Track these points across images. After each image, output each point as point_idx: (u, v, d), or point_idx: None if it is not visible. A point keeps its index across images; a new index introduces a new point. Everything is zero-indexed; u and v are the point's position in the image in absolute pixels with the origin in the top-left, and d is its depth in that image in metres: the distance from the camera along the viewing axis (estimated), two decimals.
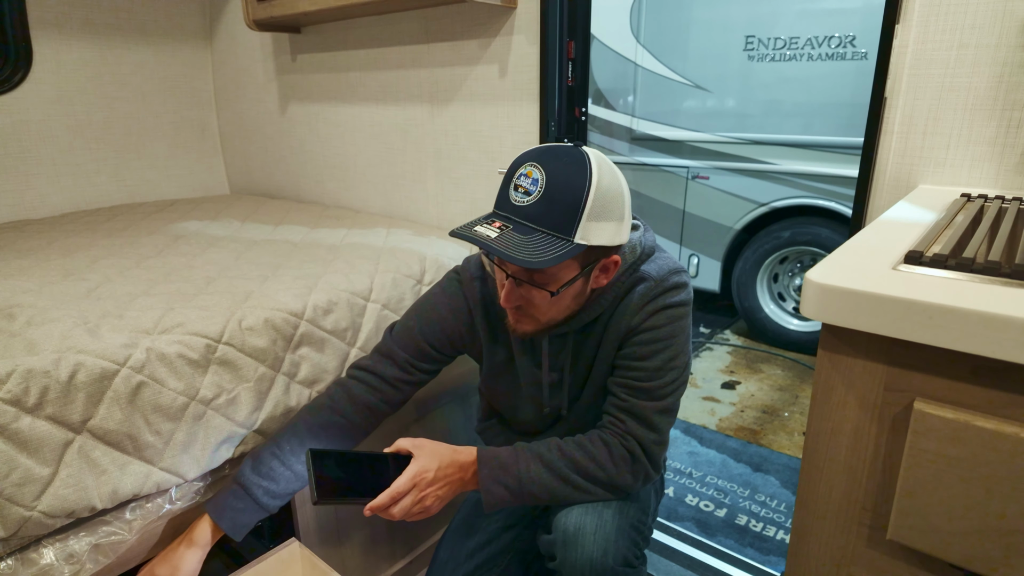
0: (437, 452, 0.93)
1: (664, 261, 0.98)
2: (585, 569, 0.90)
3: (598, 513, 0.93)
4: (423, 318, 1.09)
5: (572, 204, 0.82)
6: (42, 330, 0.97)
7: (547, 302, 0.91)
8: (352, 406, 1.07)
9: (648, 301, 0.95)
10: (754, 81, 3.11)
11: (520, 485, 0.93)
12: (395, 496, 0.89)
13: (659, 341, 0.94)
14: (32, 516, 0.83)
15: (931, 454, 0.51)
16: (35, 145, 2.02)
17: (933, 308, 0.48)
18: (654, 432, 0.94)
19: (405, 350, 1.08)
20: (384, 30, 1.77)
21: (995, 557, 0.49)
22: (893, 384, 0.53)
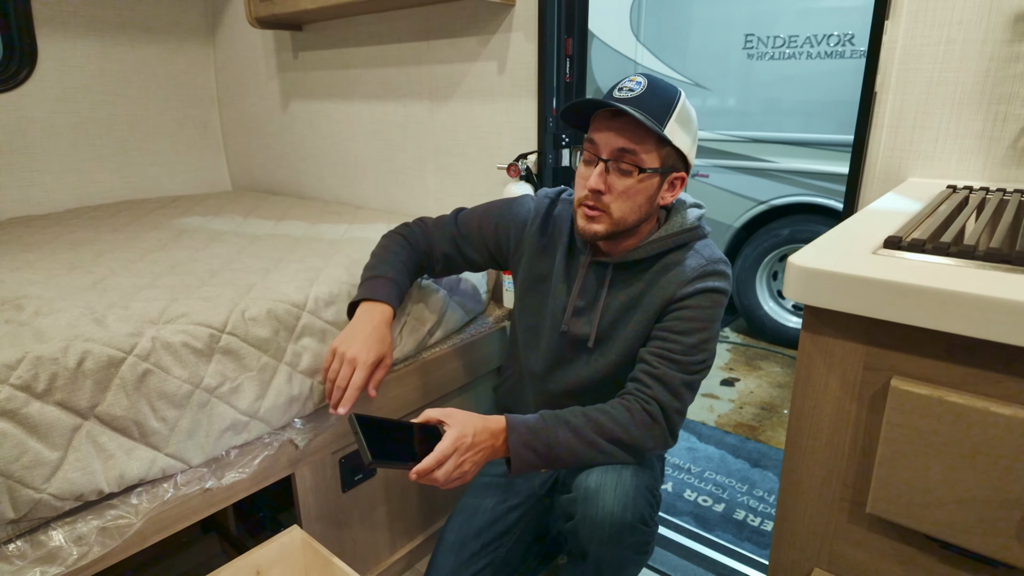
0: (470, 420, 0.98)
1: (715, 250, 1.09)
2: (605, 523, 0.97)
3: (617, 473, 1.00)
4: (489, 209, 1.25)
5: (667, 102, 0.98)
6: (50, 319, 1.00)
7: (628, 190, 1.01)
8: (413, 251, 1.27)
9: (697, 277, 1.03)
10: (753, 79, 3.12)
11: (548, 449, 0.99)
12: (439, 459, 0.93)
13: (700, 320, 1.02)
14: (42, 498, 0.85)
15: (907, 429, 0.53)
16: (40, 142, 2.05)
17: (909, 288, 0.50)
18: (678, 400, 1.02)
19: (460, 227, 1.26)
20: (384, 27, 1.79)
21: (968, 527, 0.52)
22: (872, 363, 0.55)
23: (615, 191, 1.01)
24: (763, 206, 3.22)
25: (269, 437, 1.14)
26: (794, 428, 0.61)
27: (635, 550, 1.02)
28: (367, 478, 1.36)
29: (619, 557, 1.01)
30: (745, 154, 3.22)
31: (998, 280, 0.49)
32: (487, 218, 1.24)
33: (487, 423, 0.99)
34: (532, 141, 1.54)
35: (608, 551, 1.00)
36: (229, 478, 1.07)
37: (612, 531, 0.98)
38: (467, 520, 1.25)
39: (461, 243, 1.26)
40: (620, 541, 0.99)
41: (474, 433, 0.97)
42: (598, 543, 0.99)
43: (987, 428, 0.49)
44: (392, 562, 1.46)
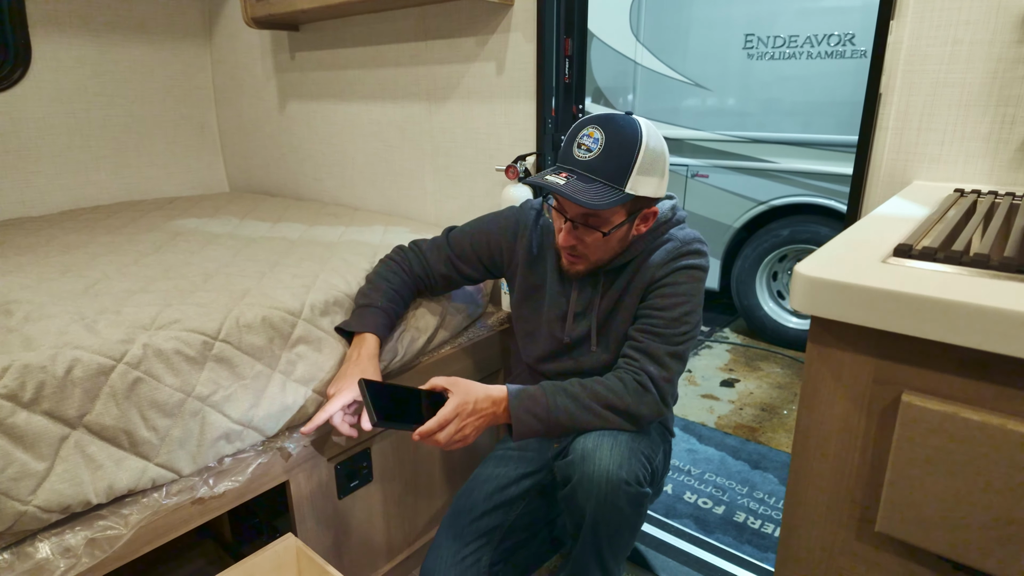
0: (472, 387, 1.05)
1: (691, 231, 1.15)
2: (601, 480, 1.02)
3: (614, 436, 1.06)
4: (477, 226, 1.30)
5: (626, 159, 1.00)
6: (39, 326, 0.98)
7: (598, 242, 1.07)
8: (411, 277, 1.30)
9: (673, 258, 1.10)
10: (753, 79, 3.11)
11: (548, 413, 1.05)
12: (442, 423, 0.99)
13: (678, 295, 1.09)
14: (27, 511, 0.83)
15: (918, 446, 0.51)
16: (35, 143, 2.03)
17: (921, 300, 0.48)
18: (664, 370, 1.08)
19: (453, 248, 1.30)
20: (382, 28, 1.77)
21: (982, 548, 0.50)
22: (882, 377, 0.53)
23: (585, 244, 1.09)
24: (763, 206, 3.20)
25: (263, 444, 1.12)
26: (800, 443, 0.60)
27: (631, 508, 1.06)
28: (363, 484, 1.34)
29: (616, 515, 1.06)
30: (745, 154, 3.20)
31: (1014, 291, 0.48)
32: (478, 235, 1.30)
33: (489, 391, 1.05)
34: (531, 143, 1.52)
35: (604, 507, 1.05)
36: (222, 487, 1.05)
37: (608, 488, 1.03)
38: (478, 486, 1.30)
39: (456, 262, 1.31)
40: (616, 498, 1.04)
41: (476, 400, 1.03)
42: (595, 501, 1.04)
43: (1003, 446, 0.47)
44: (389, 568, 1.44)
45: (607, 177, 1.00)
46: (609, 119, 1.03)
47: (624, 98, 3.60)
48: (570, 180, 1.00)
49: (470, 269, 1.31)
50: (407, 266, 1.31)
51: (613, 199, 0.99)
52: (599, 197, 0.99)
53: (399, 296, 1.26)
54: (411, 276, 1.31)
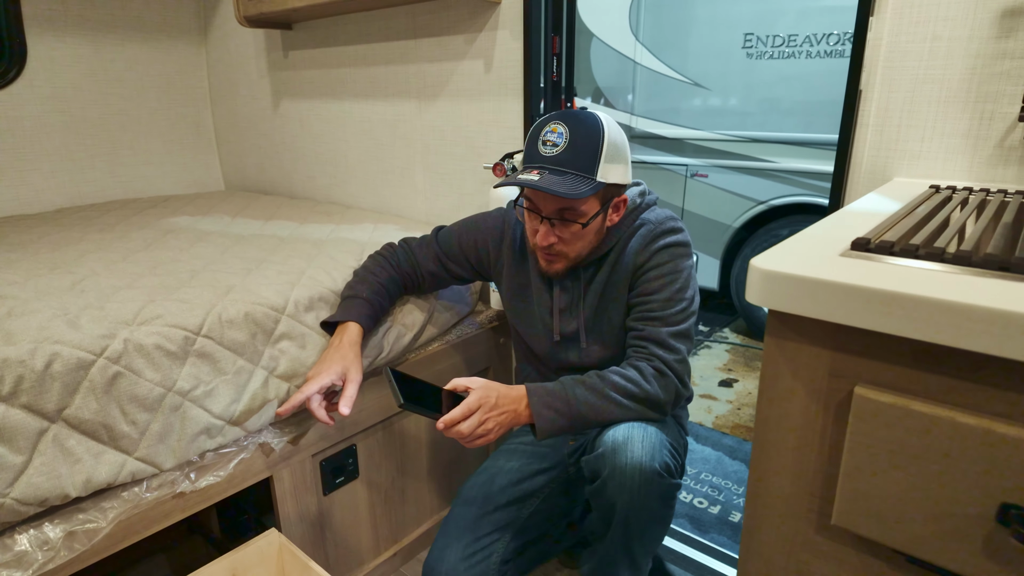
0: (493, 385, 1.05)
1: (662, 211, 1.15)
2: (634, 472, 1.00)
3: (643, 428, 1.04)
4: (465, 227, 1.31)
5: (592, 150, 1.02)
6: (21, 321, 0.98)
7: (576, 236, 1.08)
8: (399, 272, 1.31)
9: (650, 241, 1.11)
10: (753, 79, 3.10)
11: (569, 407, 1.04)
12: (465, 413, 1.00)
13: (665, 276, 1.09)
14: (4, 503, 0.84)
15: (871, 439, 0.51)
16: (30, 141, 2.04)
17: (871, 293, 0.48)
18: (673, 352, 1.07)
19: (442, 246, 1.31)
20: (373, 26, 1.78)
21: (934, 541, 0.50)
22: (837, 370, 0.53)
23: (564, 240, 1.09)
24: (762, 206, 3.20)
25: (245, 440, 1.13)
26: (760, 436, 0.60)
27: (662, 502, 1.05)
28: (349, 480, 1.34)
29: (648, 508, 1.04)
30: (744, 154, 3.20)
31: (967, 284, 0.47)
32: (464, 234, 1.31)
33: (509, 389, 1.06)
34: (519, 140, 1.52)
35: (637, 500, 1.03)
36: (203, 481, 1.06)
37: (641, 479, 1.01)
38: (490, 478, 1.29)
39: (444, 260, 1.32)
40: (649, 491, 1.02)
41: (498, 395, 1.03)
42: (628, 493, 1.02)
43: (953, 439, 0.47)
44: (376, 565, 1.45)
45: (578, 168, 1.02)
46: (568, 114, 1.05)
47: (624, 98, 3.60)
48: (543, 175, 1.01)
49: (458, 268, 1.32)
50: (395, 262, 1.32)
51: (588, 188, 1.01)
52: (574, 187, 1.00)
53: (384, 290, 1.27)
54: (399, 272, 1.31)
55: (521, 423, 1.06)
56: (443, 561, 1.17)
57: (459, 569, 1.17)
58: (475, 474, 1.31)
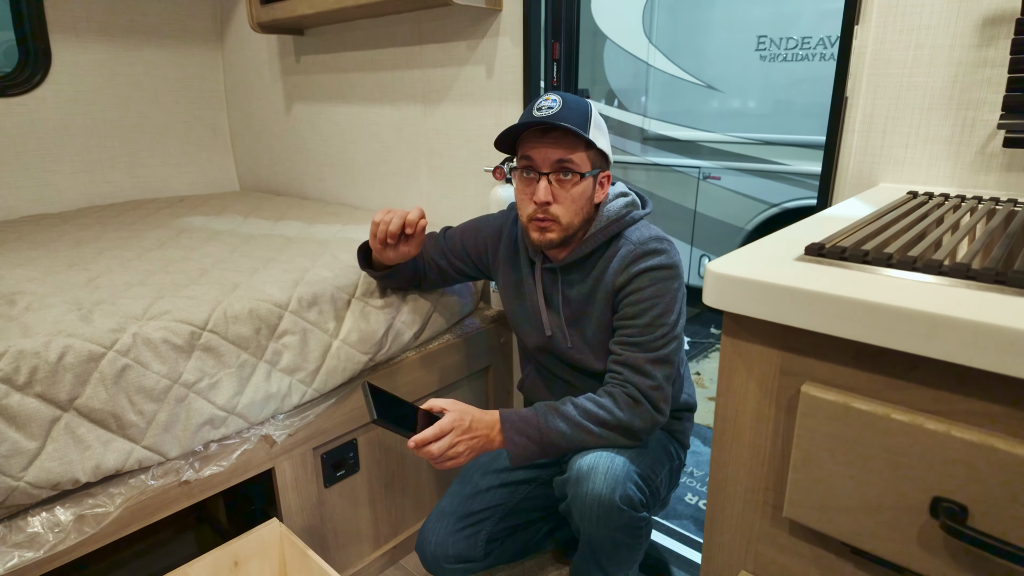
0: (469, 408, 1.08)
1: (646, 230, 1.14)
2: (593, 504, 1.03)
3: (611, 458, 1.05)
4: (470, 225, 1.37)
5: (583, 113, 1.07)
6: (38, 315, 1.04)
7: (571, 196, 1.09)
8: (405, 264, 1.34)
9: (629, 263, 1.10)
10: (766, 81, 3.10)
11: (540, 435, 1.06)
12: (438, 434, 1.02)
13: (645, 301, 1.08)
14: (19, 486, 0.89)
15: (816, 434, 0.53)
16: (53, 143, 2.12)
17: (814, 295, 0.50)
18: (649, 379, 1.07)
19: (447, 242, 1.37)
20: (380, 32, 1.83)
21: (874, 533, 0.52)
22: (787, 368, 0.56)
23: (560, 199, 1.10)
24: (775, 209, 3.19)
25: (248, 432, 1.18)
26: (719, 431, 0.62)
27: (626, 533, 1.07)
28: (349, 474, 1.39)
29: (609, 538, 1.07)
30: (757, 156, 3.20)
31: (902, 288, 0.50)
32: (467, 231, 1.36)
33: (484, 414, 1.08)
34: None
35: (597, 531, 1.06)
36: (207, 471, 1.11)
37: (600, 512, 1.03)
38: (487, 462, 1.34)
39: (449, 255, 1.37)
40: (608, 523, 1.04)
41: (472, 419, 1.05)
42: (588, 523, 1.05)
43: (889, 435, 0.50)
44: (375, 557, 1.49)
45: (572, 123, 1.05)
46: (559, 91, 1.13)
47: (637, 100, 3.62)
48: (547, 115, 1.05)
49: (460, 264, 1.36)
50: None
51: (584, 138, 1.05)
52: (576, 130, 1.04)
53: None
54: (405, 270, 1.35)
55: (493, 448, 1.08)
56: (435, 533, 1.25)
57: (448, 542, 1.24)
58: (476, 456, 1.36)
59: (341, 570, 1.42)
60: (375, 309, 1.35)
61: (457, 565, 1.25)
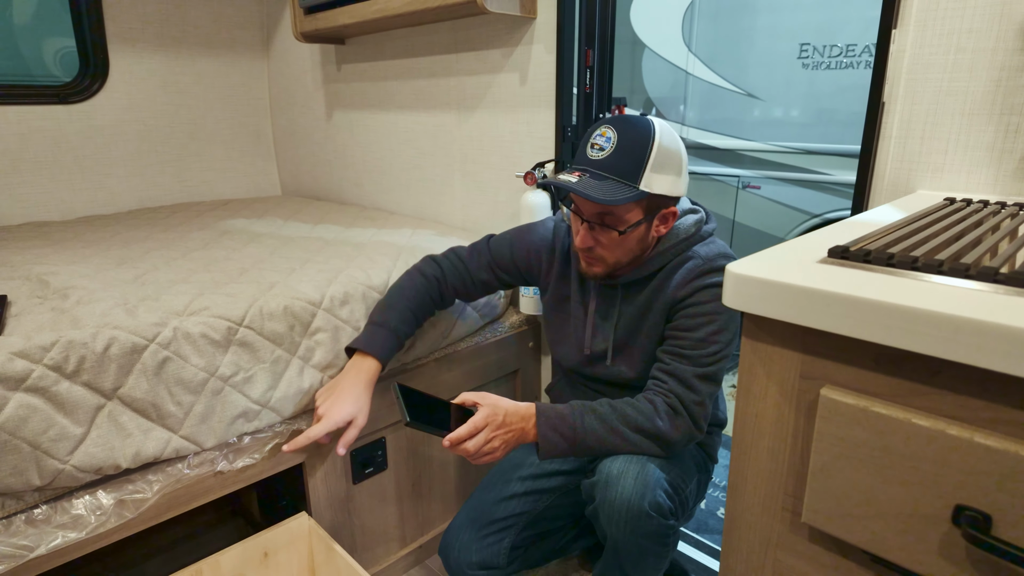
0: (502, 402, 1.07)
1: (716, 247, 1.12)
2: (621, 508, 1.02)
3: (642, 463, 1.04)
4: (518, 236, 1.31)
5: (639, 155, 1.01)
6: (87, 308, 1.10)
7: (615, 242, 1.07)
8: (446, 281, 1.31)
9: (695, 277, 1.08)
10: (809, 89, 3.05)
11: (575, 434, 1.05)
12: (472, 431, 1.02)
13: (704, 315, 1.06)
14: (65, 469, 0.94)
15: (836, 439, 0.53)
16: (108, 149, 2.23)
17: (834, 297, 0.50)
18: (693, 392, 1.05)
19: (494, 255, 1.31)
20: (418, 41, 1.87)
21: (894, 541, 0.51)
22: (807, 372, 0.55)
23: (603, 244, 1.09)
24: (816, 219, 3.13)
25: (281, 426, 1.21)
26: (738, 435, 0.62)
27: (653, 540, 1.05)
28: (377, 471, 1.41)
29: (636, 544, 1.05)
30: (799, 166, 3.14)
31: (925, 290, 0.49)
32: (517, 243, 1.31)
33: (518, 407, 1.07)
34: (550, 150, 1.57)
35: (625, 537, 1.04)
36: (240, 462, 1.15)
37: (628, 517, 1.02)
38: (511, 468, 1.33)
39: (496, 269, 1.32)
40: (636, 528, 1.03)
41: (505, 413, 1.05)
42: (615, 527, 1.04)
43: (910, 440, 0.49)
44: (400, 556, 1.51)
45: (620, 174, 1.01)
46: (623, 119, 1.04)
47: (675, 109, 3.60)
48: (583, 178, 1.02)
49: (508, 276, 1.33)
50: (437, 276, 1.31)
51: (626, 195, 1.00)
52: (611, 193, 0.99)
53: (413, 317, 1.27)
54: (436, 290, 1.31)
55: (527, 441, 1.08)
56: (458, 539, 1.25)
57: (471, 548, 1.24)
58: (500, 462, 1.36)
59: (367, 567, 1.44)
60: None
61: (480, 572, 1.25)
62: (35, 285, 1.25)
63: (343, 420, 1.12)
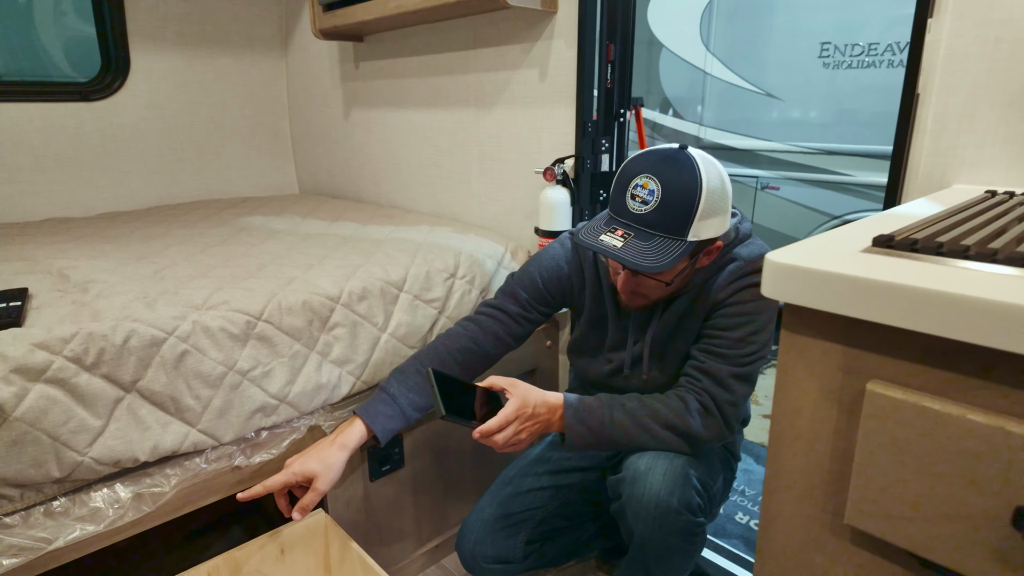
0: (531, 391, 1.04)
1: (757, 247, 1.09)
2: (650, 505, 0.99)
3: (670, 459, 1.02)
4: (543, 267, 1.24)
5: (686, 209, 0.94)
6: (107, 301, 1.09)
7: (660, 287, 1.04)
8: (483, 334, 1.22)
9: (737, 278, 1.05)
10: (829, 89, 3.01)
11: (602, 427, 1.03)
12: (502, 424, 1.00)
13: (744, 315, 1.03)
14: (84, 461, 0.94)
15: (882, 436, 0.50)
16: (129, 146, 2.24)
17: (883, 286, 0.48)
18: (728, 392, 1.03)
19: (526, 291, 1.24)
20: (436, 38, 1.86)
21: (945, 544, 0.48)
22: (850, 366, 0.53)
23: (646, 287, 1.05)
24: (836, 221, 3.08)
25: (298, 421, 1.20)
26: (775, 433, 0.60)
27: (681, 537, 1.03)
28: (395, 469, 1.40)
29: (664, 542, 1.03)
30: (818, 166, 3.11)
31: (981, 279, 0.47)
32: (547, 279, 1.23)
33: (546, 397, 1.05)
34: (571, 146, 1.55)
35: (652, 533, 1.02)
36: (257, 458, 1.14)
37: (656, 512, 1.00)
38: (530, 463, 1.31)
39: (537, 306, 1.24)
40: (664, 525, 1.01)
41: (534, 404, 1.03)
42: (643, 524, 1.02)
43: (963, 437, 0.46)
44: (417, 555, 1.49)
45: (667, 231, 0.94)
46: (663, 164, 0.94)
47: (693, 109, 3.56)
48: (628, 241, 0.94)
49: (547, 308, 1.26)
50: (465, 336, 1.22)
51: (676, 254, 0.93)
52: (661, 256, 0.92)
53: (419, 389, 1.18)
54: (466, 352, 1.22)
55: (552, 431, 1.07)
56: (473, 531, 1.24)
57: (486, 541, 1.22)
58: (518, 458, 1.35)
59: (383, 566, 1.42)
60: (423, 304, 1.37)
61: (495, 565, 1.23)
62: (56, 279, 1.26)
63: (301, 476, 1.05)
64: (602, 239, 0.97)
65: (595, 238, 0.97)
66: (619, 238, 0.95)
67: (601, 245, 0.96)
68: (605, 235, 0.97)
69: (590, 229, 1.00)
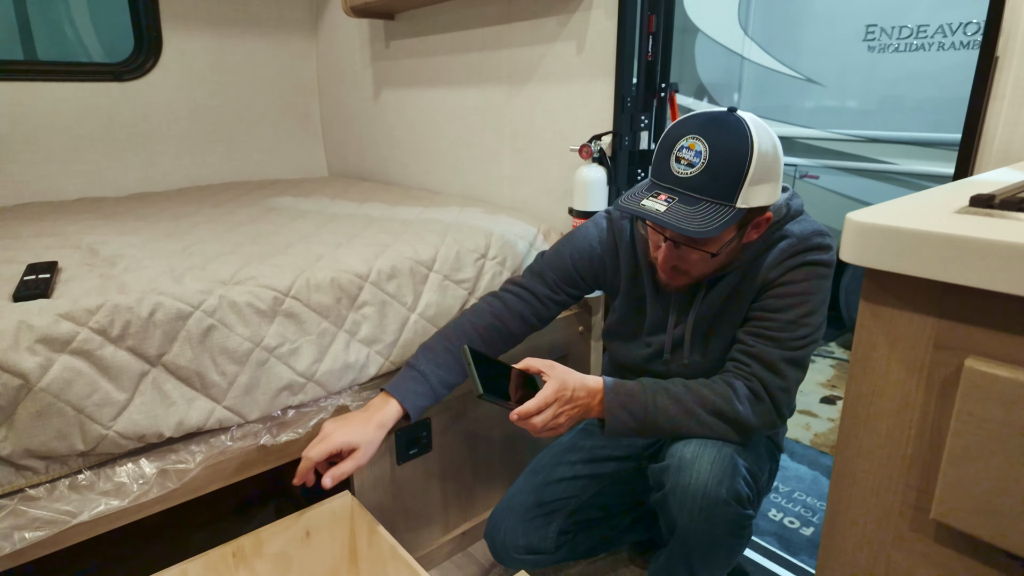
0: (570, 374, 0.99)
1: (809, 223, 1.01)
2: (697, 495, 0.94)
3: (717, 447, 0.96)
4: (575, 247, 1.18)
5: (736, 173, 0.87)
6: (134, 275, 1.07)
7: (704, 261, 0.97)
8: (508, 312, 1.17)
9: (788, 257, 0.98)
10: (874, 74, 2.88)
11: (645, 413, 0.98)
12: (540, 406, 0.95)
13: (796, 296, 0.97)
14: (108, 435, 0.92)
15: (982, 420, 0.44)
16: (160, 127, 2.24)
17: (990, 245, 0.41)
18: (779, 378, 0.97)
19: (555, 272, 1.18)
20: (469, 13, 1.81)
21: None
22: (944, 340, 0.47)
23: (689, 262, 0.98)
24: None
25: (325, 401, 1.17)
26: (849, 417, 0.53)
27: (728, 530, 0.97)
28: (422, 452, 1.36)
29: (709, 534, 0.97)
30: (861, 155, 2.98)
31: None
32: (578, 259, 1.18)
33: (585, 380, 1.00)
34: (608, 123, 1.48)
35: (697, 526, 0.96)
36: (284, 437, 1.11)
37: (704, 503, 0.94)
38: (562, 451, 1.27)
39: (564, 287, 1.20)
40: (711, 516, 0.95)
41: (573, 387, 0.98)
42: (688, 515, 0.96)
43: None
44: (444, 542, 1.46)
45: (715, 195, 0.87)
46: (711, 125, 0.88)
47: (729, 95, 3.46)
48: (672, 205, 0.87)
49: (575, 290, 1.21)
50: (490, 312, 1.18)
51: (724, 220, 0.86)
52: (708, 221, 0.86)
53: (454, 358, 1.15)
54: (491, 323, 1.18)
55: (591, 416, 1.01)
56: (505, 521, 1.19)
57: (518, 531, 1.18)
58: (550, 446, 1.30)
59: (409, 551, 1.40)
60: (453, 284, 1.33)
61: (527, 556, 1.19)
62: (85, 253, 1.24)
63: (345, 445, 1.01)
64: (643, 204, 0.90)
65: (636, 203, 0.91)
66: (662, 202, 0.88)
67: (642, 210, 0.89)
68: (647, 199, 0.90)
69: (630, 195, 0.95)
